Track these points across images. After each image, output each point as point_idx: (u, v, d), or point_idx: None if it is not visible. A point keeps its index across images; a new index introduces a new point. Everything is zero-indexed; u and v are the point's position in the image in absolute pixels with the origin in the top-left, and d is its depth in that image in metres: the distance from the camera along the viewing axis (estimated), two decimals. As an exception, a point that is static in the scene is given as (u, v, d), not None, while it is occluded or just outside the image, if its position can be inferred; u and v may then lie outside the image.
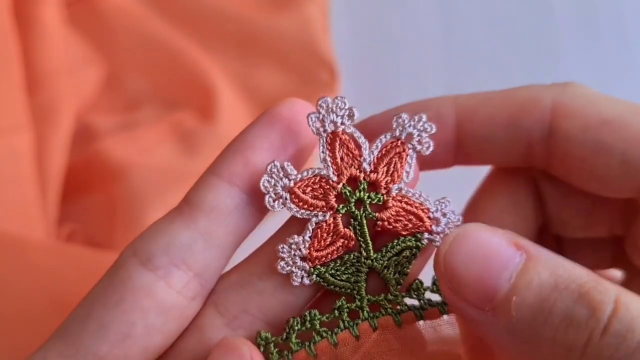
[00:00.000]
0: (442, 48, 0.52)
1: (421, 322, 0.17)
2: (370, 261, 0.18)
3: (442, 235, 0.18)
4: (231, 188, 0.17)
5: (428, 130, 0.18)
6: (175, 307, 0.17)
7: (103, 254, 0.37)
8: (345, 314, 0.18)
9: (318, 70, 0.48)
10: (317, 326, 0.17)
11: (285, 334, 0.17)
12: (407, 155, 0.18)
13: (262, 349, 0.17)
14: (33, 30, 0.44)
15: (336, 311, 0.18)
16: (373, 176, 0.18)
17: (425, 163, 0.19)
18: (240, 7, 0.50)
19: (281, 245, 0.18)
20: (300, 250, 0.18)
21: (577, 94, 0.18)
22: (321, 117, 0.18)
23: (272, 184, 0.17)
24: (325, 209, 0.18)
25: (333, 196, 0.18)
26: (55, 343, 0.17)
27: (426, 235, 0.18)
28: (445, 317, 0.18)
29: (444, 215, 0.18)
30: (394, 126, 0.18)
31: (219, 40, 0.49)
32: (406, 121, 0.18)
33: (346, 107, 0.18)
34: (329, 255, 0.18)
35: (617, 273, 0.21)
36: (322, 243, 0.18)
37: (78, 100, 0.45)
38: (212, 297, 0.18)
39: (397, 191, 0.18)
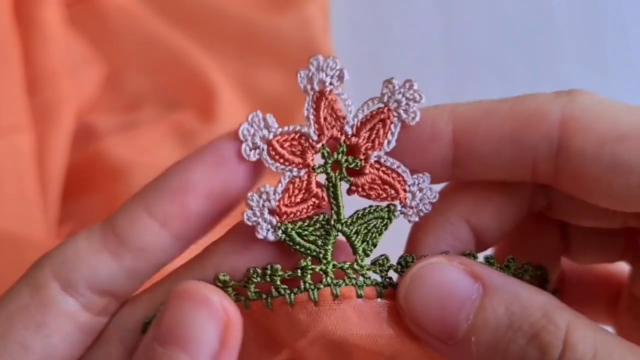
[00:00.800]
0: (442, 48, 0.52)
1: (379, 300, 0.17)
2: (340, 225, 0.17)
3: (415, 209, 0.17)
4: (161, 230, 0.17)
5: (417, 99, 0.18)
6: (93, 327, 0.18)
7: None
8: (308, 276, 0.17)
9: (318, 70, 0.48)
10: (277, 282, 0.17)
11: (244, 280, 0.17)
12: (391, 123, 0.17)
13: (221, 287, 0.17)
14: (34, 31, 0.44)
15: (299, 270, 0.17)
16: (354, 140, 0.17)
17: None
18: (240, 7, 0.50)
19: (251, 194, 0.17)
20: (269, 202, 0.17)
21: (587, 105, 0.16)
22: (310, 74, 0.17)
23: (252, 133, 0.17)
24: (301, 165, 0.17)
25: (311, 155, 0.17)
26: None
27: (399, 207, 0.18)
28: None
29: (421, 190, 0.18)
30: (383, 92, 0.18)
31: (219, 40, 0.49)
32: (396, 87, 0.18)
33: (337, 67, 0.18)
34: (298, 213, 0.17)
35: (625, 266, 0.20)
36: (293, 199, 0.17)
37: (79, 100, 0.45)
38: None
39: (375, 158, 0.17)
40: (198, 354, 0.15)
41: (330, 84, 0.17)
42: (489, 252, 0.19)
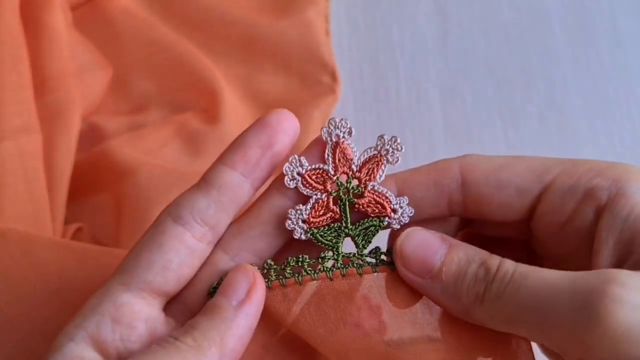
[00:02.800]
0: (440, 52, 0.52)
1: (375, 274, 0.26)
2: (347, 230, 0.26)
3: (397, 220, 0.26)
4: (233, 172, 0.25)
5: (399, 149, 0.26)
6: (196, 249, 0.25)
7: (109, 252, 0.37)
8: (326, 262, 0.26)
9: (319, 73, 0.49)
10: (306, 266, 0.26)
11: (282, 265, 0.26)
12: (382, 164, 0.26)
13: (265, 271, 0.25)
14: (41, 33, 0.44)
15: (320, 259, 0.26)
16: (358, 175, 0.26)
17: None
18: (243, 12, 0.50)
19: (290, 210, 0.26)
20: (302, 215, 0.26)
21: (473, 157, 0.26)
22: (330, 130, 0.26)
23: (291, 169, 0.26)
24: (322, 191, 0.26)
25: (329, 184, 0.26)
26: (116, 277, 0.25)
27: (387, 219, 0.26)
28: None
29: (401, 207, 0.26)
30: (377, 143, 0.26)
31: (222, 43, 0.50)
32: (386, 140, 0.26)
33: (347, 126, 0.26)
34: (321, 222, 0.26)
35: None
36: (317, 213, 0.26)
37: (85, 102, 0.45)
38: (219, 243, 0.26)
39: (371, 187, 0.26)
40: (230, 297, 0.24)
41: (343, 137, 0.26)
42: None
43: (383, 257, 0.26)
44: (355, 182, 0.26)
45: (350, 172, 0.26)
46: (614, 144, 0.49)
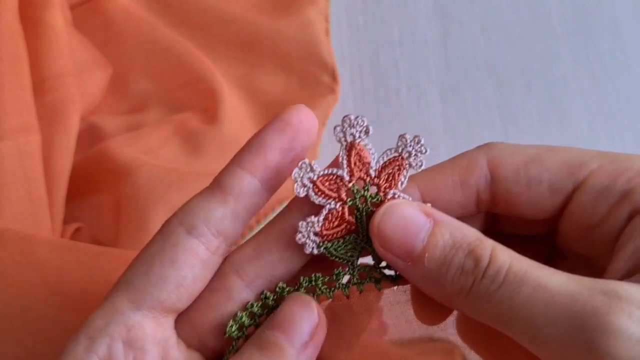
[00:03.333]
0: (440, 51, 0.52)
1: (395, 288, 0.23)
2: (363, 243, 0.23)
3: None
4: (252, 178, 0.23)
5: (423, 152, 0.23)
6: (211, 263, 0.23)
7: (108, 252, 0.37)
8: (341, 279, 0.23)
9: (319, 72, 0.49)
10: (320, 284, 0.23)
11: (296, 287, 0.23)
12: (404, 169, 0.23)
13: (277, 295, 0.23)
14: (39, 33, 0.44)
15: (335, 276, 0.23)
16: (376, 180, 0.23)
17: None
18: (242, 11, 0.50)
19: (300, 222, 0.23)
20: (314, 227, 0.23)
21: (501, 148, 0.23)
22: (344, 129, 0.23)
23: (301, 175, 0.23)
24: (337, 199, 0.23)
25: (344, 191, 0.23)
26: (122, 292, 0.22)
27: None
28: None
29: None
30: (398, 144, 0.23)
31: (221, 43, 0.50)
32: (408, 141, 0.23)
33: (364, 124, 0.23)
34: (335, 235, 0.23)
35: None
36: (331, 225, 0.23)
37: (84, 102, 0.45)
38: (234, 266, 0.23)
39: (392, 195, 0.23)
40: (294, 338, 0.22)
41: (359, 137, 0.23)
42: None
43: None
44: (373, 190, 0.23)
45: (368, 178, 0.23)
46: (614, 143, 0.49)
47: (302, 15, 0.49)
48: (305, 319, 0.22)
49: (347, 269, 0.23)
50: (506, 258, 0.20)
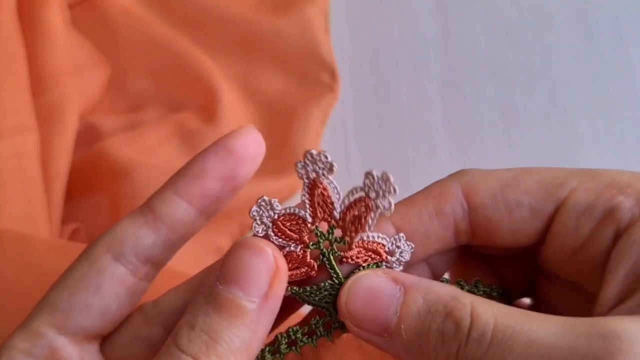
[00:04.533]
0: (440, 50, 0.52)
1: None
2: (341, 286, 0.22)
3: (397, 261, 0.22)
4: (188, 206, 0.21)
5: (391, 192, 0.21)
6: (138, 289, 0.22)
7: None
8: (320, 327, 0.22)
9: (319, 71, 0.48)
10: (300, 336, 0.22)
11: (276, 344, 0.22)
12: (370, 211, 0.21)
13: (259, 357, 0.22)
14: (37, 32, 0.44)
15: (313, 325, 0.22)
16: (341, 223, 0.21)
17: None
18: (241, 10, 0.50)
19: None
20: None
21: (473, 174, 0.22)
22: (306, 165, 0.21)
23: (260, 213, 0.22)
24: (298, 242, 0.22)
25: (306, 233, 0.22)
26: (44, 315, 0.21)
27: (384, 264, 0.22)
28: None
29: (398, 247, 0.22)
30: (365, 182, 0.21)
31: (220, 42, 0.49)
32: (375, 180, 0.21)
33: (328, 161, 0.21)
34: (294, 276, 0.22)
35: (526, 300, 0.25)
36: (290, 265, 0.21)
37: (82, 101, 0.45)
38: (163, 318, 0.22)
39: (359, 239, 0.22)
40: (252, 291, 0.20)
41: (322, 174, 0.21)
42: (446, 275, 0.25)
43: None
44: (338, 232, 0.22)
45: (333, 221, 0.21)
46: (615, 143, 0.49)
47: (302, 13, 0.49)
48: (261, 267, 0.20)
49: (324, 316, 0.22)
50: (489, 316, 0.18)
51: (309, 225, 0.22)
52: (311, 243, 0.22)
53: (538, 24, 0.53)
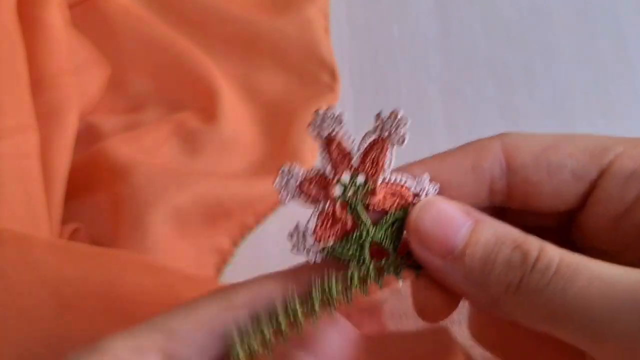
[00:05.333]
0: (440, 50, 0.52)
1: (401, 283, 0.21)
2: (370, 237, 0.22)
3: None
4: None
5: (403, 124, 0.22)
6: None
7: (106, 252, 0.37)
8: (356, 279, 0.21)
9: (319, 71, 0.48)
10: (334, 293, 0.21)
11: (310, 301, 0.21)
12: (386, 150, 0.22)
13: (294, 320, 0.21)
14: (37, 32, 0.44)
15: (348, 279, 0.21)
16: (362, 169, 0.22)
17: None
18: (241, 9, 0.50)
19: (289, 233, 0.21)
20: (307, 233, 0.21)
21: (516, 136, 0.22)
22: (316, 125, 0.22)
23: (283, 182, 0.22)
24: (325, 199, 0.22)
25: (331, 189, 0.22)
26: (156, 334, 0.20)
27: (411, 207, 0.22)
28: None
29: (422, 189, 0.22)
30: (376, 124, 0.22)
31: (220, 41, 0.49)
32: (384, 121, 0.22)
33: (336, 114, 0.22)
34: (332, 236, 0.22)
35: None
36: (325, 226, 0.22)
37: (82, 101, 0.45)
38: None
39: (382, 180, 0.22)
40: (318, 353, 0.20)
41: (333, 129, 0.22)
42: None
43: None
44: (361, 178, 0.22)
45: (352, 169, 0.22)
46: (616, 144, 0.49)
47: (302, 13, 0.49)
48: (331, 331, 0.20)
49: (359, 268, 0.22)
50: (556, 252, 0.19)
51: (332, 180, 0.22)
52: (338, 197, 0.22)
53: (538, 24, 0.53)
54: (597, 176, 0.21)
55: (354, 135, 0.22)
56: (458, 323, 0.22)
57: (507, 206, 0.23)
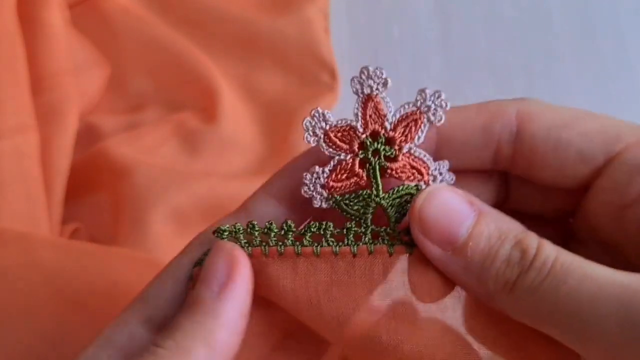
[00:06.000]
0: (440, 51, 0.52)
1: (408, 256, 0.21)
2: (378, 199, 0.22)
3: None
4: (276, 202, 0.23)
5: (443, 106, 0.22)
6: None
7: (106, 250, 0.37)
8: (352, 235, 0.22)
9: (318, 71, 0.48)
10: (329, 235, 0.21)
11: (303, 230, 0.22)
12: (421, 123, 0.22)
13: (282, 232, 0.21)
14: (37, 32, 0.44)
15: (345, 230, 0.22)
16: (391, 133, 0.22)
17: None
18: (241, 9, 0.50)
19: (305, 174, 0.22)
20: (320, 179, 0.22)
21: (535, 104, 0.22)
22: (361, 80, 0.22)
23: (313, 124, 0.22)
24: (347, 151, 0.22)
25: (356, 143, 0.22)
26: (136, 303, 0.22)
27: (424, 187, 0.22)
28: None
29: (441, 174, 0.22)
30: (417, 98, 0.22)
31: (220, 41, 0.49)
32: (427, 95, 0.22)
33: (383, 76, 0.22)
34: (343, 188, 0.22)
35: None
36: (339, 177, 0.22)
37: (82, 101, 0.45)
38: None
39: (407, 149, 0.22)
40: (210, 283, 0.21)
41: (377, 89, 0.22)
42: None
43: None
44: (388, 143, 0.22)
45: (383, 131, 0.22)
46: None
47: (302, 13, 0.49)
48: (219, 261, 0.21)
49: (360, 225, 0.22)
50: (552, 250, 0.19)
51: (360, 135, 0.22)
52: (360, 152, 0.22)
53: (538, 24, 0.53)
54: (603, 162, 0.21)
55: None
56: (452, 308, 0.21)
57: (510, 172, 0.23)
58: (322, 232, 0.21)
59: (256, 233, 0.21)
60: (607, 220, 0.21)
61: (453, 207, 0.20)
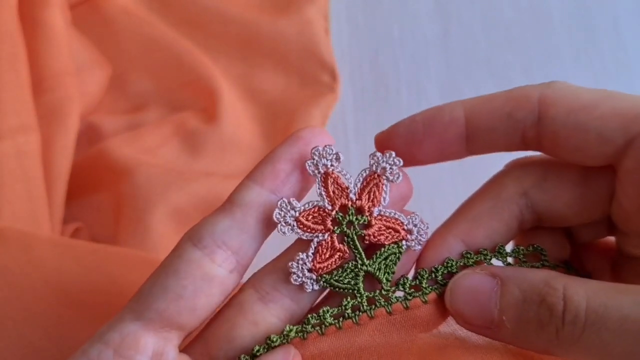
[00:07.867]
0: (440, 51, 0.52)
1: (406, 310, 0.23)
2: (365, 267, 0.23)
3: (416, 240, 0.24)
4: (261, 189, 0.23)
5: (397, 164, 0.23)
6: (216, 277, 0.22)
7: (106, 249, 0.38)
8: (349, 309, 0.23)
9: (319, 72, 0.49)
10: (328, 318, 0.23)
11: (302, 325, 0.23)
12: (382, 185, 0.23)
13: (284, 337, 0.22)
14: (39, 32, 0.44)
15: (342, 307, 0.23)
16: (358, 202, 0.23)
17: (443, 155, 0.24)
18: (242, 10, 0.50)
19: (290, 263, 0.23)
20: (306, 264, 0.23)
21: (558, 88, 0.22)
22: (315, 162, 0.23)
23: (282, 215, 0.23)
24: (323, 231, 0.23)
25: (329, 221, 0.23)
26: (130, 305, 0.22)
27: (404, 242, 0.23)
28: (426, 305, 0.23)
29: (415, 225, 0.24)
30: (370, 162, 0.23)
31: (221, 42, 0.49)
32: (379, 158, 0.23)
33: (333, 152, 0.23)
34: (329, 266, 0.23)
35: (612, 239, 0.25)
36: (323, 257, 0.23)
37: (84, 101, 0.45)
38: (252, 280, 0.23)
39: (377, 212, 0.23)
40: None
41: (332, 165, 0.23)
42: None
43: (424, 284, 0.23)
44: (357, 212, 0.23)
45: (350, 202, 0.23)
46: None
47: (302, 14, 0.49)
48: None
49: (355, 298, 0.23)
50: (580, 297, 0.19)
51: (330, 212, 0.23)
52: (336, 228, 0.23)
53: (538, 24, 0.53)
54: (623, 143, 0.21)
55: (354, 149, 0.23)
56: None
57: (540, 151, 0.24)
58: (322, 318, 0.23)
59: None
60: (637, 205, 0.22)
61: (477, 289, 0.22)
